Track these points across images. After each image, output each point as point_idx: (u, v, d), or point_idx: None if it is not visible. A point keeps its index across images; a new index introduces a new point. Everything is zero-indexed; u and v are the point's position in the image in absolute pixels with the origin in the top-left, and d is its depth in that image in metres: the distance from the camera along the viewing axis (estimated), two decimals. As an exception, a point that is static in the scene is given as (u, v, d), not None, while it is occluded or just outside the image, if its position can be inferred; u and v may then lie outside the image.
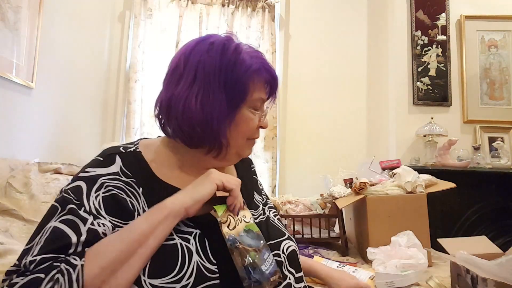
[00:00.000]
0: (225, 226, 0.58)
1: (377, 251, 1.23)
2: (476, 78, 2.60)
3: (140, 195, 0.59)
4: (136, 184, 0.60)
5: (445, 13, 2.64)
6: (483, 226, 2.21)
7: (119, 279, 0.49)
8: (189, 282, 0.52)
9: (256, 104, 0.68)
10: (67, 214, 0.54)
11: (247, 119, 0.66)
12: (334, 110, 2.92)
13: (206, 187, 0.58)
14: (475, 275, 0.84)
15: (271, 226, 0.70)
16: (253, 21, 2.86)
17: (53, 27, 2.00)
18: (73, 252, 0.51)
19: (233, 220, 0.60)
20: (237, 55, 0.64)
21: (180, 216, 0.55)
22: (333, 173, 1.93)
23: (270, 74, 0.69)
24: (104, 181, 0.58)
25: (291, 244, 0.68)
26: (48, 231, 0.52)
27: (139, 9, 2.73)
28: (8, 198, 1.35)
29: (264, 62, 0.68)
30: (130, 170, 0.61)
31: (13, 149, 1.70)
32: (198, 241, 0.56)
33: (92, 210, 0.55)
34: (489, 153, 2.43)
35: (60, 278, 0.47)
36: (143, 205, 0.58)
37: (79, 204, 0.55)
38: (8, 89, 1.67)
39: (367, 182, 1.59)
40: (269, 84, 0.70)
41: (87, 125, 2.51)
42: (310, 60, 2.96)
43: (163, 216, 0.54)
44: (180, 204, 0.55)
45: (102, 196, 0.56)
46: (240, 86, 0.64)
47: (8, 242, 1.10)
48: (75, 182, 0.58)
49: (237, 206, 0.61)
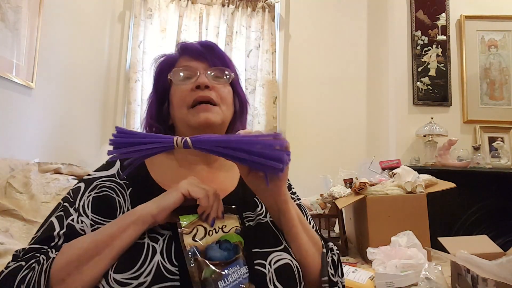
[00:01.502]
0: (189, 237, 0.56)
1: (377, 251, 1.23)
2: (476, 78, 2.60)
3: (127, 196, 0.65)
4: (127, 185, 0.66)
5: (445, 13, 2.64)
6: (483, 226, 2.21)
7: (83, 275, 0.54)
8: (146, 280, 0.53)
9: (182, 76, 0.73)
10: (61, 210, 0.63)
11: (174, 92, 0.73)
12: (334, 110, 2.92)
13: (172, 196, 0.58)
14: (475, 274, 0.84)
15: (265, 232, 0.66)
16: (253, 21, 2.86)
17: (53, 27, 2.00)
18: (55, 245, 0.59)
19: (204, 230, 0.57)
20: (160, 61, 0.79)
21: (147, 223, 0.57)
22: (333, 173, 1.93)
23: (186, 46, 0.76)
24: (100, 183, 0.66)
25: (284, 257, 0.62)
26: (46, 224, 0.63)
27: (139, 9, 2.73)
28: (8, 198, 1.35)
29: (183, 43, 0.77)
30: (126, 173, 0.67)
31: (13, 149, 1.70)
32: (166, 243, 0.57)
33: (79, 208, 0.63)
34: (489, 153, 2.43)
35: (36, 266, 0.55)
36: (128, 205, 0.64)
37: (72, 202, 0.64)
38: (8, 89, 1.67)
39: (367, 182, 1.59)
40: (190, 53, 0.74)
41: (87, 125, 2.51)
42: (310, 60, 2.96)
43: (131, 221, 0.57)
44: (148, 212, 0.57)
45: (93, 196, 0.64)
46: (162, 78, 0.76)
47: (8, 242, 1.10)
48: (79, 183, 0.68)
49: (211, 216, 0.58)
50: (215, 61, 0.74)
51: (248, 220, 0.66)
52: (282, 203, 0.63)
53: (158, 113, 0.76)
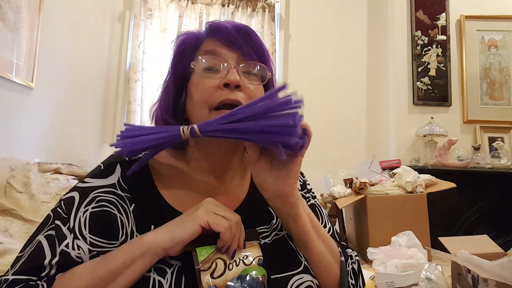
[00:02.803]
0: (207, 274, 0.48)
1: (377, 251, 1.23)
2: (476, 78, 2.60)
3: (130, 213, 0.54)
4: (129, 199, 0.55)
5: (445, 13, 2.64)
6: (483, 226, 2.21)
7: None
8: None
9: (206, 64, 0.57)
10: (52, 229, 0.52)
11: (195, 85, 0.57)
12: (334, 110, 2.92)
13: (188, 228, 0.48)
14: (476, 274, 0.83)
15: (283, 252, 0.57)
16: (253, 21, 2.86)
17: (53, 27, 2.00)
18: (46, 275, 0.49)
19: (223, 264, 0.49)
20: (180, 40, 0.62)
21: (158, 256, 0.49)
22: (333, 173, 1.93)
23: (213, 24, 0.60)
24: (97, 195, 0.54)
25: (306, 279, 0.55)
26: (34, 245, 0.52)
27: (139, 9, 2.73)
28: (8, 198, 1.35)
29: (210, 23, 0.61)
30: (127, 183, 0.56)
31: (13, 149, 1.70)
32: (175, 277, 0.49)
33: (75, 228, 0.51)
34: (489, 153, 2.43)
35: None
36: (132, 225, 0.53)
37: (66, 219, 0.52)
38: (8, 89, 1.67)
39: (367, 182, 1.59)
40: (220, 35, 0.58)
41: (87, 125, 2.51)
42: (310, 60, 2.95)
43: (139, 254, 0.48)
44: (159, 244, 0.48)
45: (91, 212, 0.52)
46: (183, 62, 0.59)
47: (8, 242, 1.10)
48: (72, 192, 0.56)
49: (232, 248, 0.50)
50: (250, 52, 0.59)
51: (264, 237, 0.58)
52: (291, 207, 0.55)
53: (175, 107, 0.60)
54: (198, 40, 0.60)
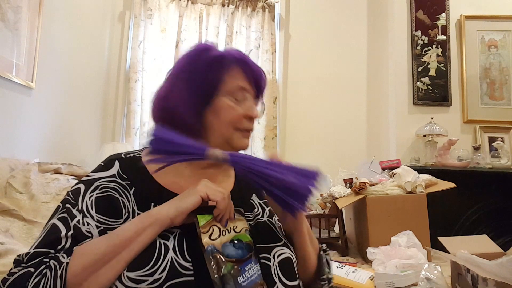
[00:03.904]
0: (206, 236, 0.59)
1: (377, 251, 1.23)
2: (476, 78, 2.60)
3: (131, 195, 0.64)
4: (129, 185, 0.65)
5: (445, 13, 2.64)
6: (483, 226, 2.21)
7: (100, 278, 0.54)
8: (161, 276, 0.55)
9: (235, 93, 0.70)
10: (64, 212, 0.60)
11: (226, 107, 0.69)
12: (334, 110, 2.92)
13: (191, 199, 0.59)
14: (475, 274, 0.84)
15: (266, 230, 0.71)
16: (253, 21, 2.86)
17: (53, 27, 2.00)
18: (62, 248, 0.57)
19: (218, 230, 0.61)
20: (214, 52, 0.70)
21: (165, 225, 0.58)
22: (333, 173, 1.93)
23: (246, 63, 0.72)
24: (101, 184, 0.64)
25: (285, 251, 0.67)
26: (48, 227, 0.60)
27: (139, 9, 2.73)
28: (8, 198, 1.35)
29: (240, 54, 0.73)
30: (126, 173, 0.66)
31: (13, 149, 1.70)
32: (177, 240, 0.59)
33: (83, 209, 0.60)
34: (489, 153, 2.43)
35: (48, 272, 0.53)
36: (133, 205, 0.63)
37: (74, 204, 0.61)
38: (8, 89, 1.67)
39: (367, 182, 1.59)
40: (245, 72, 0.72)
41: (87, 125, 2.51)
42: (310, 60, 2.96)
43: (148, 224, 0.57)
44: (165, 214, 0.58)
45: (96, 197, 0.62)
46: (216, 76, 0.69)
47: (9, 242, 1.10)
48: (77, 185, 0.65)
49: (225, 217, 0.62)
50: (262, 93, 0.76)
51: (248, 220, 0.69)
52: (298, 224, 0.69)
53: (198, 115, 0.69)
54: (226, 62, 0.70)
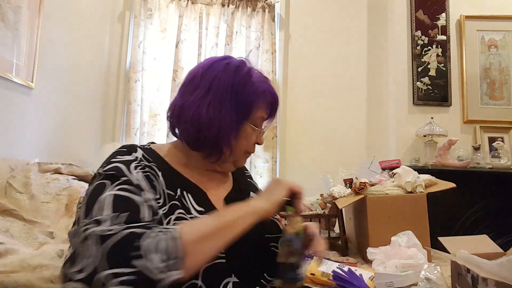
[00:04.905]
0: (288, 225, 0.69)
1: (377, 251, 1.23)
2: (476, 78, 2.60)
3: (159, 176, 0.68)
4: (156, 167, 0.69)
5: (445, 13, 2.64)
6: (483, 226, 2.21)
7: (208, 249, 0.57)
8: None
9: (257, 121, 0.77)
10: (123, 183, 0.60)
11: (248, 134, 0.76)
12: (334, 110, 2.92)
13: (280, 192, 0.68)
14: (475, 274, 0.84)
15: (271, 223, 0.79)
16: (253, 21, 2.86)
17: (53, 27, 2.00)
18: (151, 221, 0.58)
19: (292, 221, 0.70)
20: (248, 76, 0.75)
21: (261, 216, 0.65)
22: (333, 173, 1.93)
23: (273, 97, 0.79)
24: (136, 164, 0.66)
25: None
26: (109, 199, 0.57)
27: (139, 9, 2.73)
28: (8, 198, 1.35)
29: (270, 86, 0.78)
30: (150, 157, 0.70)
31: (13, 149, 1.70)
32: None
33: (140, 184, 0.62)
34: (489, 153, 2.43)
35: (161, 235, 0.53)
36: (163, 186, 0.67)
37: (127, 179, 0.61)
38: (8, 89, 1.67)
39: (367, 182, 1.59)
40: (271, 105, 0.80)
41: (87, 125, 2.51)
42: (310, 60, 2.96)
43: (249, 212, 0.64)
44: (261, 206, 0.66)
45: (141, 174, 0.64)
46: (248, 104, 0.74)
47: (9, 242, 1.09)
48: (111, 164, 0.64)
49: (301, 209, 0.71)
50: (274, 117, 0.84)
51: None
52: None
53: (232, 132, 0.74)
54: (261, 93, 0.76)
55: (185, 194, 0.69)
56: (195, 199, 0.70)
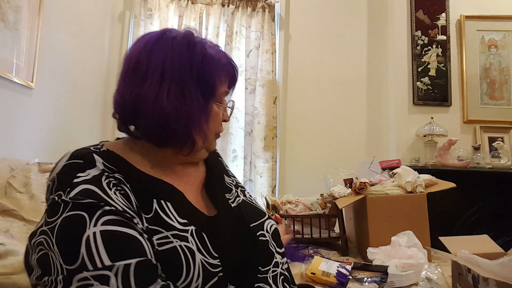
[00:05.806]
0: None
1: (377, 251, 1.23)
2: (476, 78, 2.60)
3: (130, 192, 0.55)
4: (124, 179, 0.56)
5: (445, 13, 2.64)
6: (483, 226, 2.21)
7: None
8: (198, 284, 0.51)
9: (221, 98, 0.69)
10: (107, 214, 0.48)
11: (216, 114, 0.67)
12: (334, 110, 2.92)
13: None
14: (476, 274, 0.83)
15: (250, 208, 0.72)
16: (253, 21, 2.86)
17: (53, 27, 2.00)
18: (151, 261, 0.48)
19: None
20: (204, 50, 0.63)
21: None
22: (333, 173, 1.93)
23: (234, 68, 0.71)
24: (106, 181, 0.53)
25: (272, 222, 0.72)
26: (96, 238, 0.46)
27: (139, 9, 2.73)
28: (8, 198, 1.34)
29: (228, 56, 0.69)
30: (114, 166, 0.57)
31: (13, 149, 1.70)
32: (197, 238, 0.55)
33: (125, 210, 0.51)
34: (489, 153, 2.43)
35: None
36: (135, 202, 0.54)
37: (111, 208, 0.49)
38: (8, 89, 1.67)
39: (367, 182, 1.59)
40: (231, 77, 0.70)
41: (87, 125, 2.51)
42: (310, 60, 2.96)
43: None
44: None
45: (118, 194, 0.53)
46: (211, 82, 0.64)
47: (9, 243, 1.09)
48: (77, 188, 0.50)
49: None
50: (234, 88, 0.74)
51: (231, 202, 0.71)
52: None
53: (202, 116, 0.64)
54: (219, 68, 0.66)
55: (163, 205, 0.56)
56: (176, 208, 0.58)
